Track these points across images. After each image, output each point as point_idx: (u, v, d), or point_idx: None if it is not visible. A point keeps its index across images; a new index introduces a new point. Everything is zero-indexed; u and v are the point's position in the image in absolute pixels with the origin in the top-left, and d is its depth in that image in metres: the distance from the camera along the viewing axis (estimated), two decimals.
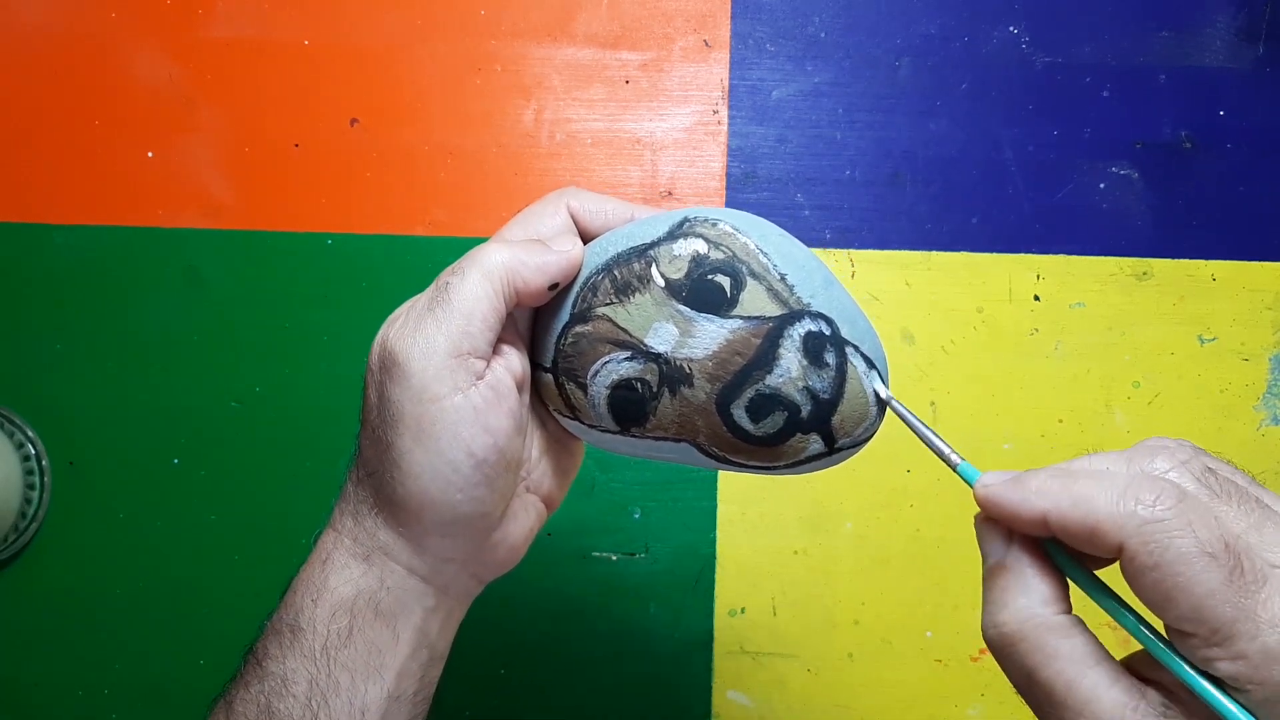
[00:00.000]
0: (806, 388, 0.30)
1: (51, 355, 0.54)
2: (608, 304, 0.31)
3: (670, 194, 0.54)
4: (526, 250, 0.31)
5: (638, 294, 0.31)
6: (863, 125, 0.54)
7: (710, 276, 0.30)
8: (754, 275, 0.30)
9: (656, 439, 0.32)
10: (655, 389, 0.31)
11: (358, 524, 0.32)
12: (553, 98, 0.54)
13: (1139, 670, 0.24)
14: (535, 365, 0.33)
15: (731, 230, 0.31)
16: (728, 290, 0.30)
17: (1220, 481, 0.24)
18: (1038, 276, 0.54)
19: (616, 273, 0.31)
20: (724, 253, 0.31)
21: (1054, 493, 0.24)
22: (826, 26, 0.54)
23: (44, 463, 0.54)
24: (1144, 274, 0.54)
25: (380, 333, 0.31)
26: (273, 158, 0.54)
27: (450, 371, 0.29)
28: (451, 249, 0.54)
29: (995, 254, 0.54)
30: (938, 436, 0.29)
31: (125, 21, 0.55)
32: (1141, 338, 0.53)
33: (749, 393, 0.30)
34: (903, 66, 0.54)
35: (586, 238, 0.34)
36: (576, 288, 0.32)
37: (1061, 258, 0.54)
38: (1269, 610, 0.21)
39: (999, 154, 0.54)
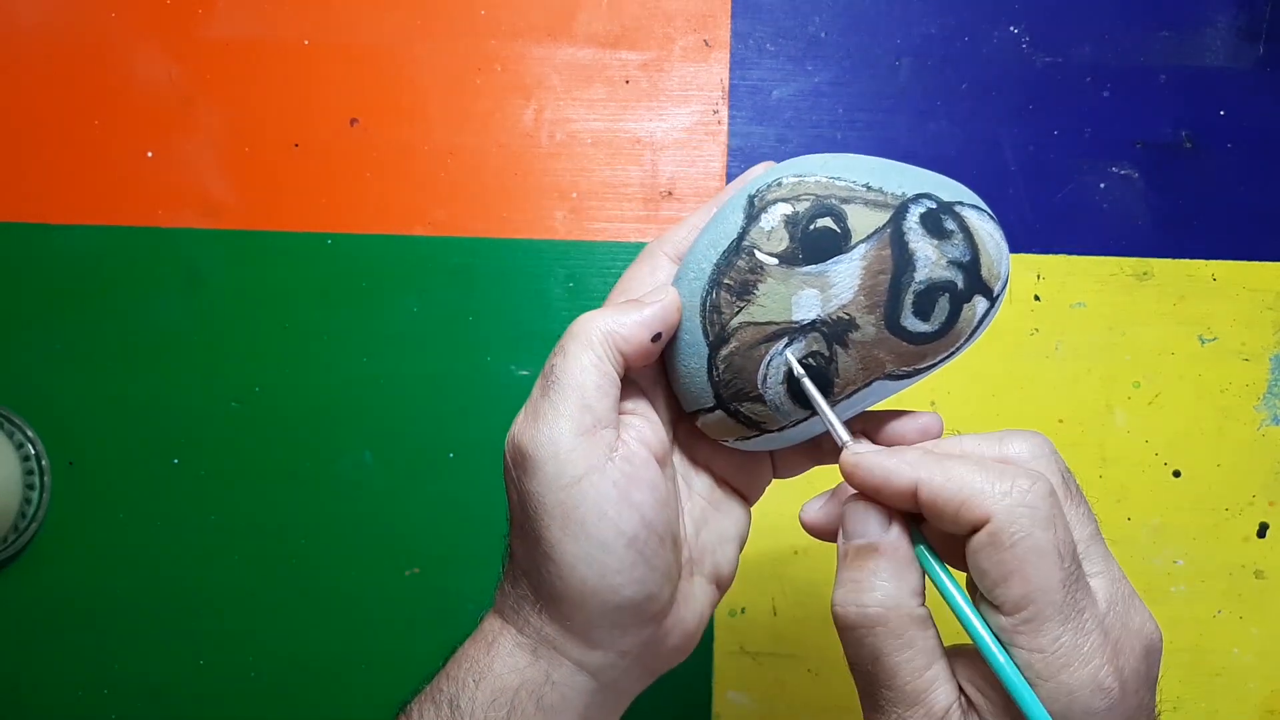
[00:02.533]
0: (950, 262, 0.30)
1: (51, 355, 0.54)
2: (737, 312, 0.30)
3: (670, 194, 0.54)
4: (620, 310, 0.30)
5: (759, 285, 0.30)
6: (863, 125, 0.54)
7: (812, 226, 0.30)
8: (846, 201, 0.30)
9: (849, 395, 0.31)
10: (829, 352, 0.30)
11: (521, 618, 0.31)
12: (553, 98, 0.54)
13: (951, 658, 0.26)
14: (696, 414, 0.32)
15: (798, 178, 0.31)
16: (835, 226, 0.30)
17: (1074, 483, 0.26)
18: (1038, 276, 0.54)
19: (726, 281, 0.31)
20: (808, 200, 0.30)
21: (928, 465, 0.25)
22: (826, 26, 0.54)
23: (44, 463, 0.54)
24: (1144, 274, 0.54)
25: (508, 435, 0.30)
26: (273, 158, 0.54)
27: (582, 452, 0.28)
28: (451, 249, 0.54)
29: None
30: (836, 417, 0.30)
31: (125, 21, 0.55)
32: (1142, 338, 0.53)
33: (909, 298, 0.30)
34: (903, 66, 0.54)
35: None
36: (698, 318, 0.31)
37: (1062, 258, 0.54)
38: (1079, 618, 0.23)
39: (999, 154, 0.54)
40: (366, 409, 0.54)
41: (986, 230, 0.31)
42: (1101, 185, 0.54)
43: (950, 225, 0.30)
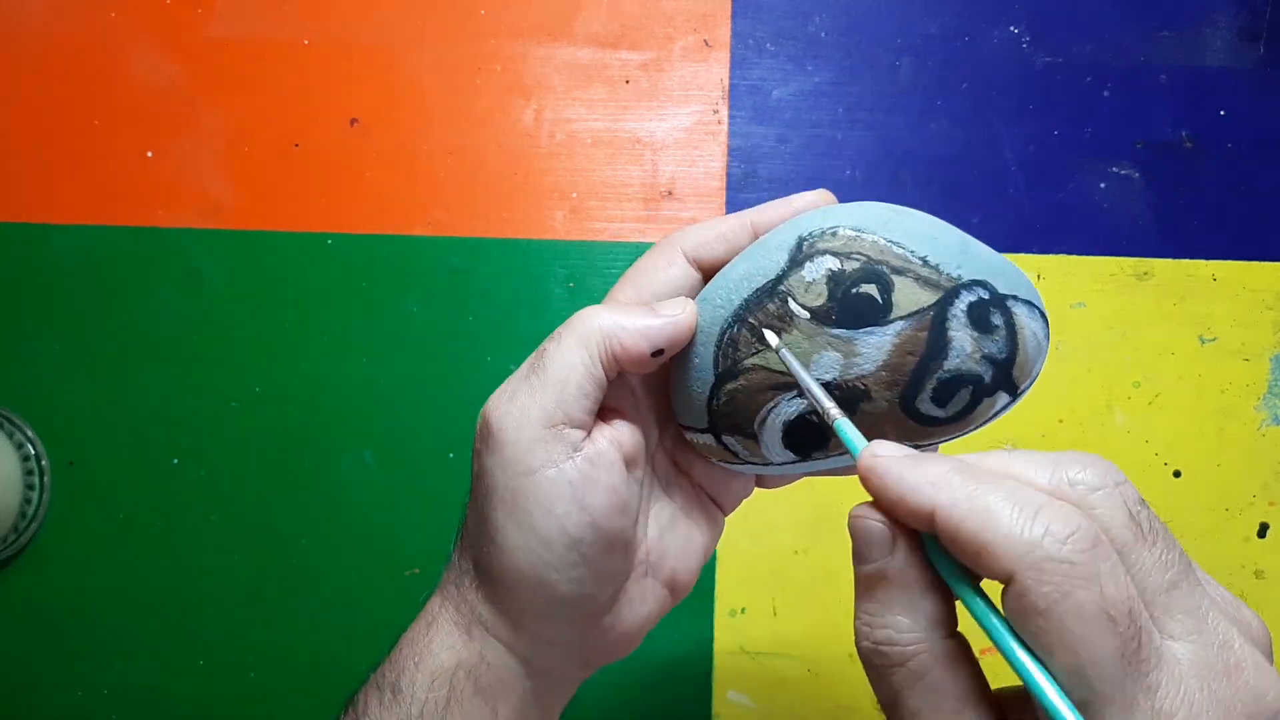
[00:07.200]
0: (984, 357, 0.28)
1: (51, 355, 0.54)
2: (754, 354, 0.29)
3: (670, 194, 0.54)
4: (628, 314, 0.29)
5: (784, 334, 0.29)
6: (863, 125, 0.54)
7: (855, 290, 0.28)
8: (897, 271, 0.28)
9: (842, 453, 0.30)
10: None
11: (460, 594, 0.31)
12: (553, 98, 0.54)
13: (1009, 704, 0.21)
14: (685, 428, 0.32)
15: (854, 233, 0.29)
16: (878, 297, 0.28)
17: (1150, 519, 0.21)
18: (1038, 276, 0.54)
19: (752, 320, 0.29)
20: (858, 260, 0.28)
21: (953, 489, 0.21)
22: (826, 26, 0.54)
23: (44, 463, 0.54)
24: (1144, 274, 0.54)
25: (485, 404, 0.29)
26: (272, 158, 0.54)
27: (545, 443, 0.28)
28: (451, 249, 0.54)
29: None
30: (820, 388, 0.28)
31: (125, 21, 0.55)
32: (1142, 338, 0.53)
33: (930, 384, 0.28)
34: (903, 66, 0.54)
35: (714, 272, 0.31)
36: (713, 346, 0.30)
37: (1062, 258, 0.54)
38: (1150, 699, 0.19)
39: (999, 154, 0.54)
40: (366, 409, 0.54)
41: (1031, 329, 0.29)
42: (1101, 185, 0.54)
43: (996, 320, 0.28)
